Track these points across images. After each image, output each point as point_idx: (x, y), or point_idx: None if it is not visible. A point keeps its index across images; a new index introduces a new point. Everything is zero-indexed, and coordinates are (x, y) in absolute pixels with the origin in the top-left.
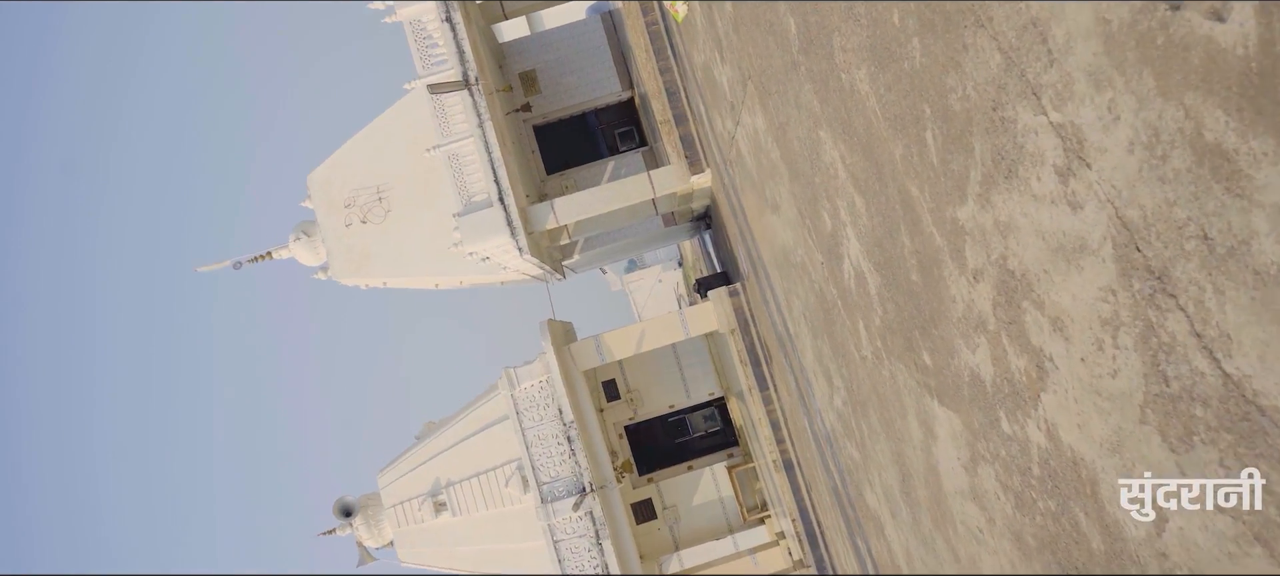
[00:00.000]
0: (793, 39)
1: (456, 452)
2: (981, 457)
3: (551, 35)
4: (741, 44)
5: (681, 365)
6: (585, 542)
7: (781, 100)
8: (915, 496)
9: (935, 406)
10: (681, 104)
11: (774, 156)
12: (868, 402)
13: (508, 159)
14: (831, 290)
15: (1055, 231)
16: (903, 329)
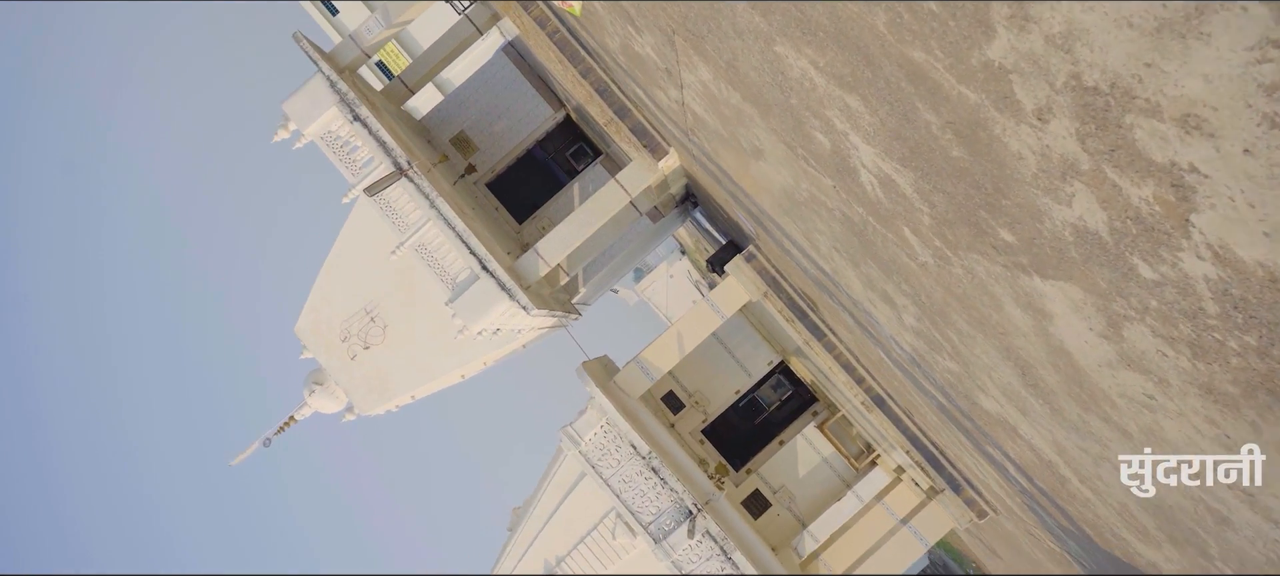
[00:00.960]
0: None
1: (553, 527)
2: (1124, 318)
3: (464, 91)
4: (650, 3)
5: (730, 348)
6: (715, 562)
7: (718, 38)
8: (1045, 385)
9: (1037, 283)
10: (617, 97)
11: (734, 101)
12: (946, 309)
13: (474, 226)
14: (857, 210)
15: (1148, 8)
16: (963, 215)
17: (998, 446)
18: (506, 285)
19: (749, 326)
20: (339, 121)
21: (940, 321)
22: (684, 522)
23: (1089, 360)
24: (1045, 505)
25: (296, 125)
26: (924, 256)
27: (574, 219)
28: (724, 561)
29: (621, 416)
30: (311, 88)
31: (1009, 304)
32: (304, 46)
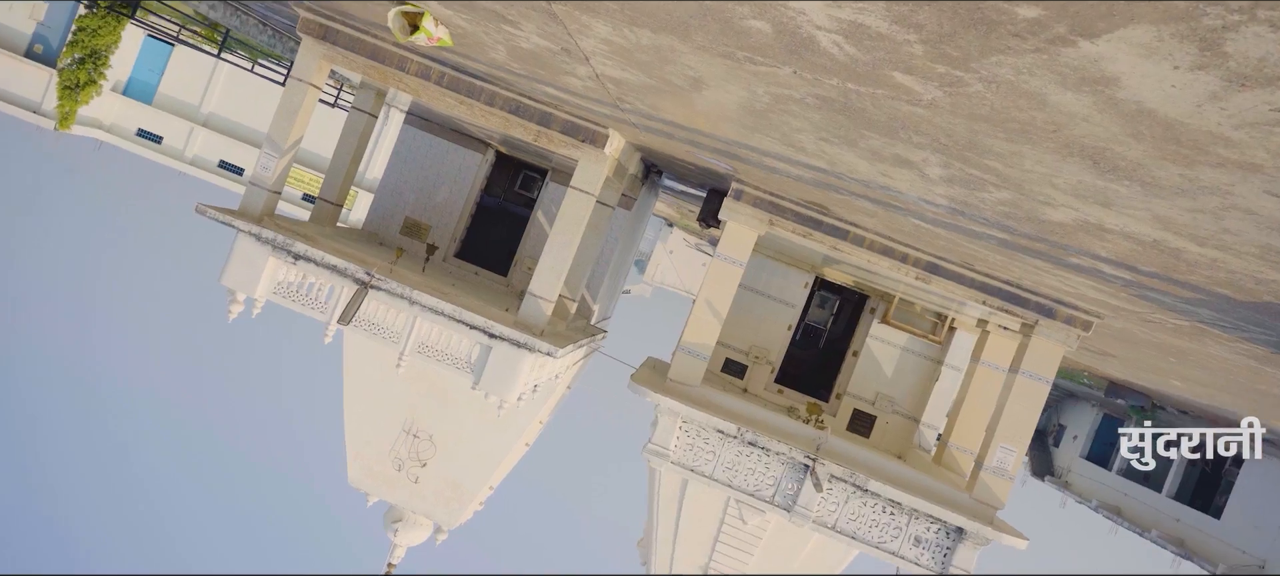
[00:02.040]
0: None
1: (682, 542)
2: (1222, 30)
3: (391, 179)
4: (525, 4)
5: (762, 290)
6: (854, 502)
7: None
8: (1127, 162)
9: (1087, 48)
10: (533, 107)
11: (645, 41)
12: (975, 139)
13: (461, 301)
14: (830, 83)
15: None
16: (960, 18)
17: (1083, 252)
18: (520, 341)
19: (767, 261)
20: (282, 269)
21: (972, 156)
22: (805, 479)
23: (1182, 106)
24: (1160, 288)
25: (244, 293)
26: (929, 94)
27: (552, 245)
28: (863, 496)
29: (693, 409)
30: (240, 251)
31: (1055, 92)
32: (211, 215)
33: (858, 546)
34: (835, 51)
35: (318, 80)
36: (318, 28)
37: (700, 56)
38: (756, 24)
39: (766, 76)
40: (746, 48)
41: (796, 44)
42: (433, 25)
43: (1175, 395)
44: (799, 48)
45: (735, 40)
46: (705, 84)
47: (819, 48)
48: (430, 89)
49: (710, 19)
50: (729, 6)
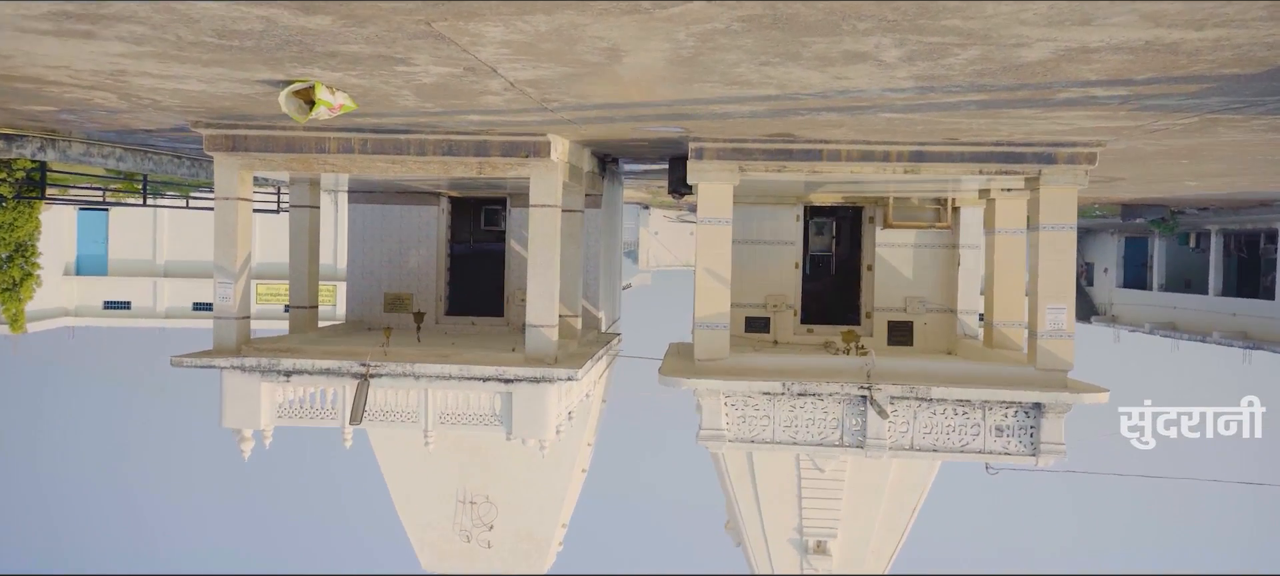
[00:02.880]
0: None
1: (769, 512)
2: None
3: (357, 261)
4: (395, 26)
5: (757, 239)
6: (924, 414)
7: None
8: None
9: None
10: (464, 139)
11: (545, 26)
12: (927, 6)
13: (469, 353)
14: (753, 5)
15: None
16: None
17: (1071, 84)
18: (537, 377)
19: (754, 206)
20: (279, 391)
21: (927, 23)
22: (866, 409)
23: None
24: (1160, 93)
25: (249, 428)
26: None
27: (535, 270)
28: (929, 406)
29: (731, 381)
30: (230, 388)
31: None
32: (189, 362)
33: (940, 457)
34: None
35: (244, 193)
36: (225, 141)
37: (606, 22)
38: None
39: (682, 16)
40: (647, 5)
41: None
42: (328, 94)
43: (1191, 195)
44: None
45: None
46: (623, 51)
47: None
48: (358, 160)
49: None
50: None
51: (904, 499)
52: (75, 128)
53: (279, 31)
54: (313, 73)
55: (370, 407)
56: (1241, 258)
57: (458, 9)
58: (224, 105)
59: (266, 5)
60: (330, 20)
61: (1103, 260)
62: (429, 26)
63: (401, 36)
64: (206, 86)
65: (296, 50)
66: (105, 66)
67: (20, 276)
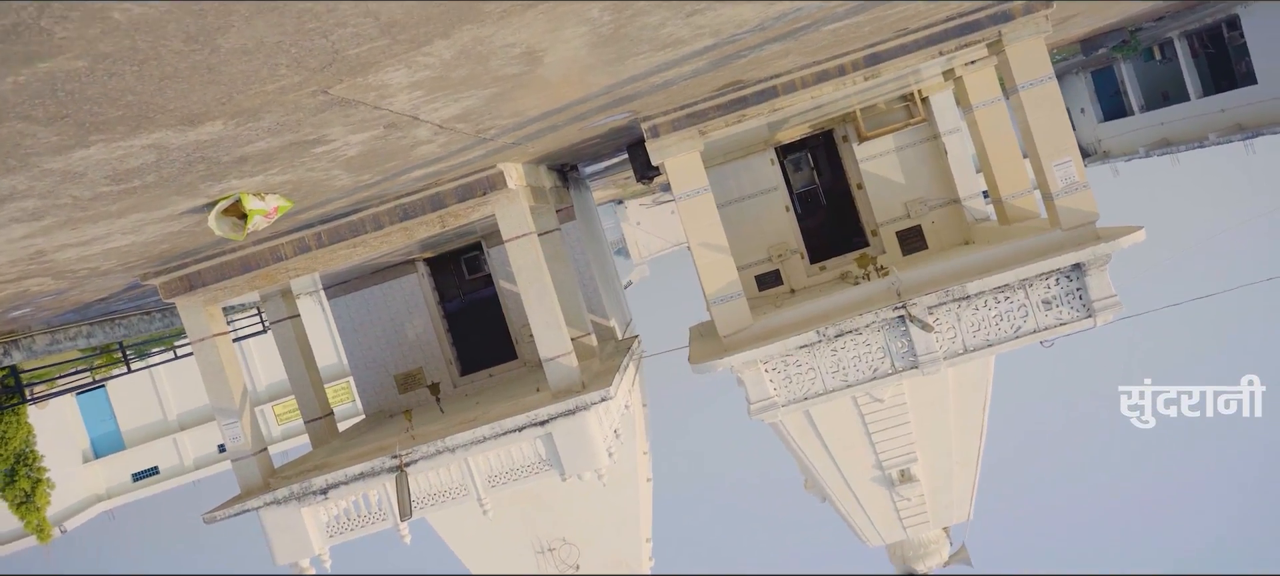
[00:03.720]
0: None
1: (845, 461)
2: None
3: (355, 356)
4: (291, 107)
5: (738, 195)
6: (966, 312)
7: (358, 44)
8: None
9: None
10: (416, 198)
11: (448, 54)
12: None
13: (495, 408)
14: None
15: None
16: None
17: None
18: (570, 408)
19: (725, 165)
20: (321, 511)
21: None
22: (906, 328)
23: None
24: None
25: (305, 558)
26: None
27: (531, 303)
28: (969, 303)
29: (763, 347)
30: (271, 525)
31: None
32: (222, 513)
33: (996, 350)
34: None
35: (217, 327)
36: (180, 284)
37: (509, 26)
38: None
39: (579, 9)
40: None
41: None
42: (257, 201)
43: (1145, 8)
44: None
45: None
46: (540, 51)
47: None
48: (319, 256)
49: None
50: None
51: (970, 400)
52: (31, 321)
53: (174, 155)
54: (232, 185)
55: (416, 496)
56: (1210, 54)
57: (349, 66)
58: (161, 249)
59: (146, 134)
60: (220, 125)
61: (1076, 102)
62: (327, 94)
63: (303, 115)
64: (133, 237)
65: (203, 168)
66: (20, 253)
67: (30, 486)
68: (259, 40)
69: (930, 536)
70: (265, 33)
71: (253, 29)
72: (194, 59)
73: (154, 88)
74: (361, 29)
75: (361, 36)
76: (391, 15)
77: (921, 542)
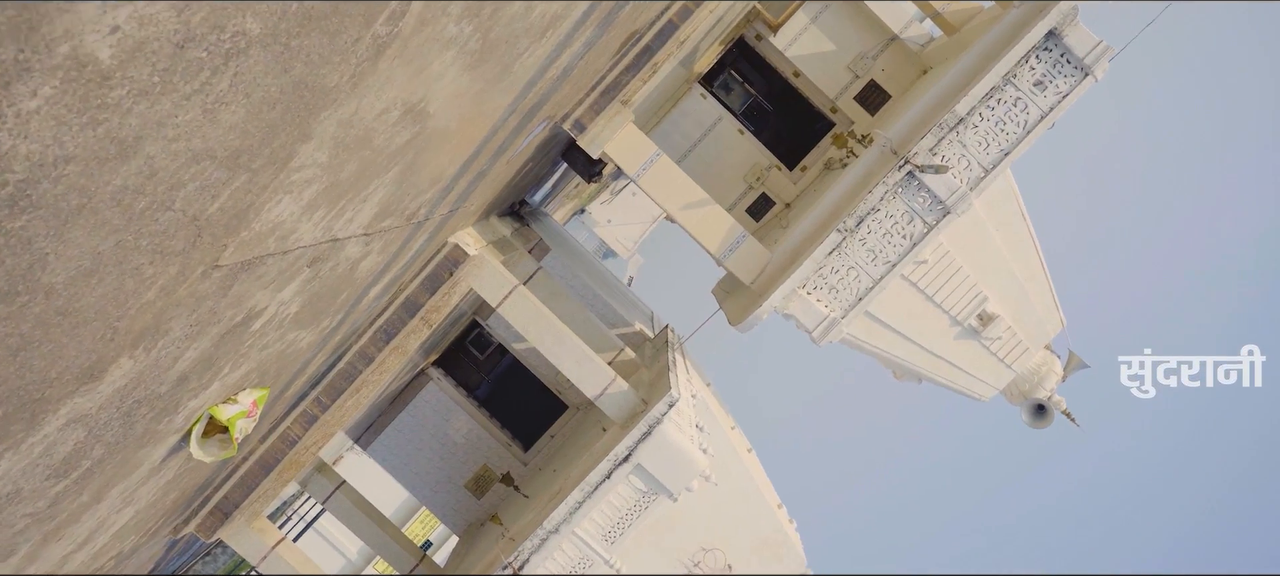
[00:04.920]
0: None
1: (918, 332)
2: None
3: (419, 487)
4: (196, 303)
5: (691, 142)
6: (967, 133)
7: (260, 195)
8: None
9: None
10: (390, 312)
11: (323, 158)
12: None
13: (573, 474)
14: None
15: None
16: None
17: None
18: (645, 431)
19: (663, 121)
20: None
21: None
22: (919, 182)
23: None
24: None
25: None
26: None
27: (551, 352)
28: (965, 124)
29: (793, 273)
30: None
31: None
32: None
33: (1013, 155)
34: None
35: (271, 538)
36: (213, 519)
37: (370, 90)
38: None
39: (427, 15)
40: (384, 32)
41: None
42: (231, 408)
43: None
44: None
45: (365, 30)
46: (420, 101)
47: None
48: (329, 419)
49: (369, 47)
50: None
51: (1006, 214)
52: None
53: (104, 417)
54: (192, 407)
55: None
56: None
57: (220, 225)
58: (172, 499)
59: (50, 417)
60: (127, 362)
61: None
62: (219, 267)
63: (211, 302)
64: (131, 508)
65: (146, 411)
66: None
67: None
68: (93, 253)
69: (1037, 361)
70: (92, 241)
71: (73, 245)
72: (32, 314)
73: (14, 370)
74: (204, 178)
75: (209, 186)
76: (228, 147)
77: (1032, 371)
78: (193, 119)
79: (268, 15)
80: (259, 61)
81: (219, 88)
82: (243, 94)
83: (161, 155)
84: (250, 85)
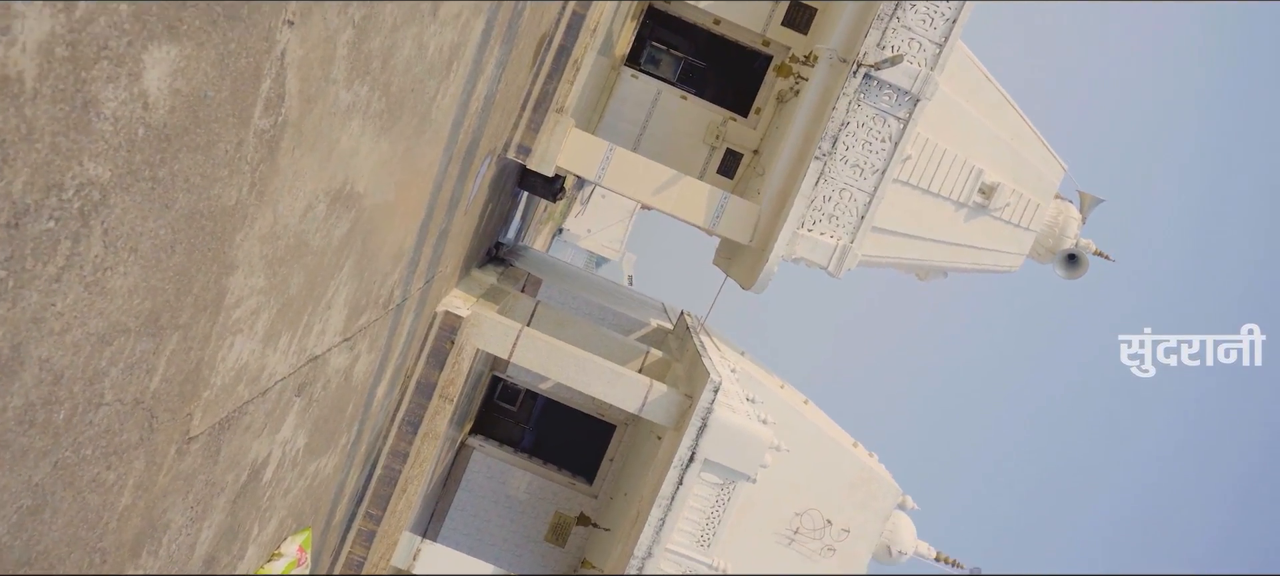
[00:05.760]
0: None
1: (924, 225)
2: None
3: (501, 559)
4: (200, 471)
5: (641, 124)
6: (909, 15)
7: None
8: None
9: None
10: (405, 400)
11: (298, 272)
12: None
13: (642, 485)
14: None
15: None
16: None
17: None
18: (701, 421)
19: (604, 112)
20: None
21: None
22: (877, 80)
23: None
24: None
25: None
26: None
27: (577, 379)
28: (901, 7)
29: (785, 216)
30: None
31: None
32: None
33: (960, 25)
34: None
35: None
36: None
37: (282, 192)
38: (268, 86)
39: (328, 88)
40: (267, 125)
41: (247, 84)
42: (278, 563)
43: None
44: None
45: (243, 131)
46: (346, 183)
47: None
48: (386, 528)
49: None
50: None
51: (970, 81)
52: None
53: None
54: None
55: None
56: None
57: (172, 395)
58: None
59: None
60: (143, 561)
61: None
62: (192, 440)
63: (201, 476)
64: None
65: None
66: None
67: None
68: (28, 487)
69: (1051, 213)
70: (19, 476)
71: (9, 469)
72: (21, 544)
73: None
74: (127, 356)
75: (138, 362)
76: (138, 312)
77: (1050, 224)
78: (76, 299)
79: (109, 153)
80: (127, 207)
81: (92, 253)
82: (127, 250)
83: (56, 353)
84: (131, 237)
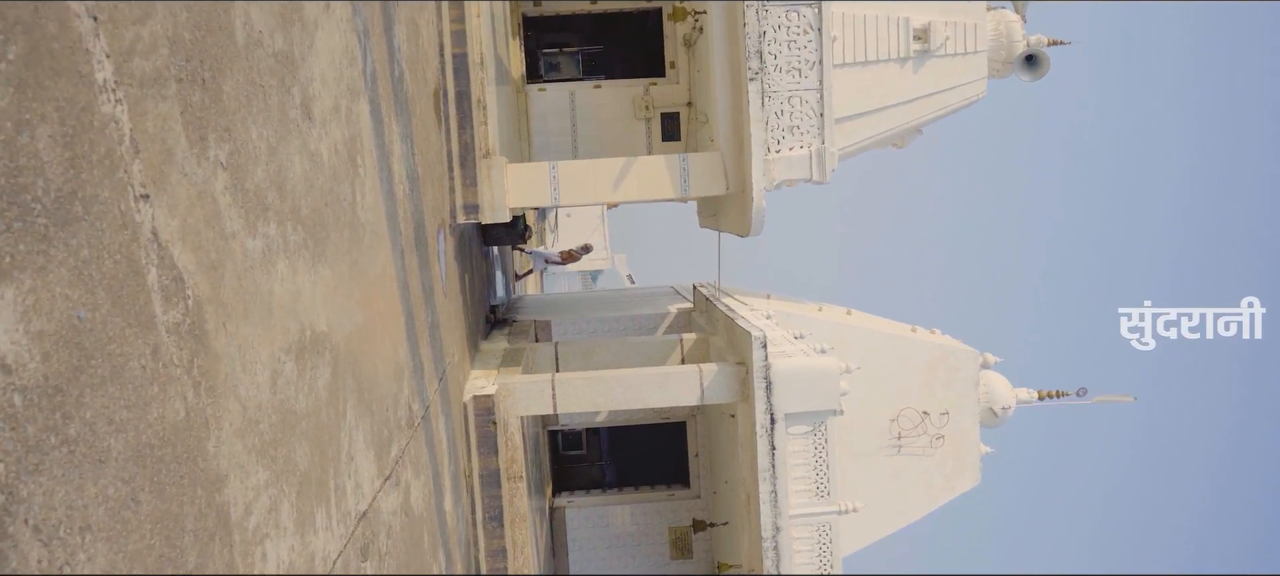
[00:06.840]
0: None
1: (884, 93)
2: None
3: None
4: None
5: (564, 132)
6: None
7: None
8: None
9: None
10: (473, 494)
11: (301, 443)
12: None
13: (740, 466)
14: None
15: None
16: None
17: None
18: (765, 382)
19: (531, 138)
20: None
21: None
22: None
23: None
24: None
25: None
26: None
27: (624, 399)
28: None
29: (749, 148)
30: None
31: None
32: None
33: None
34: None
35: None
36: None
37: (239, 375)
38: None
39: (229, 243)
40: (179, 316)
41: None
42: None
43: None
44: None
45: (149, 333)
46: (303, 329)
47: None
48: None
49: None
50: None
51: None
52: None
53: None
54: None
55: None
56: None
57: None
58: None
59: None
60: None
61: None
62: None
63: None
64: None
65: None
66: None
67: None
68: None
69: (991, 26)
70: None
71: None
72: None
73: None
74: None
75: None
76: (127, 552)
77: (997, 36)
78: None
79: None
80: (49, 488)
81: (33, 559)
82: (76, 532)
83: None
84: (73, 516)
